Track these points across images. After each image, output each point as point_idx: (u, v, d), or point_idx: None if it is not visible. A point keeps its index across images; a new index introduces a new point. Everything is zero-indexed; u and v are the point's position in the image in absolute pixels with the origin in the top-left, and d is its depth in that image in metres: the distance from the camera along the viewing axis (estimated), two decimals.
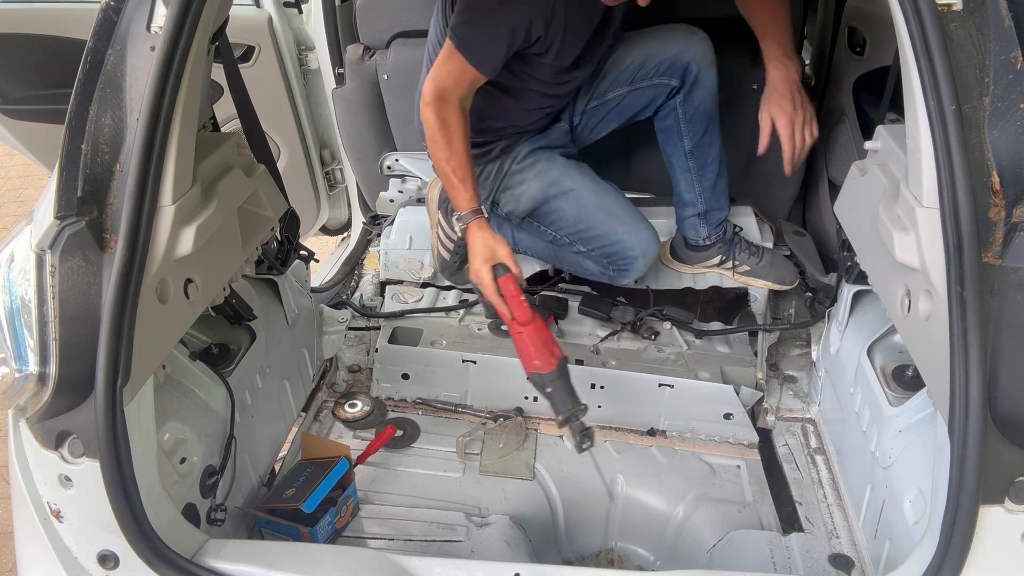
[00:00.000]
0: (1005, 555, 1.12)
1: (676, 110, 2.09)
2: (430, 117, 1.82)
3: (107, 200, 1.26)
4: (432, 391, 2.20)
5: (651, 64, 2.06)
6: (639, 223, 2.10)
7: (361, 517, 1.80)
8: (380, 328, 2.35)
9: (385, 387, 2.21)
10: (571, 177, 2.11)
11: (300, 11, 2.82)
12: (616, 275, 2.15)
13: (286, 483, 1.75)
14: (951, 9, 1.13)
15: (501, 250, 1.79)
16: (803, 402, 2.11)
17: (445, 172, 1.85)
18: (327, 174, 3.09)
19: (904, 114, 1.26)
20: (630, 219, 2.09)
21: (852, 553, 1.66)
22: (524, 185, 2.15)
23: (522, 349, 1.76)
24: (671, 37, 2.07)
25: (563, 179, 2.11)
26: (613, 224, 2.08)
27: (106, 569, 1.29)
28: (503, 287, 1.77)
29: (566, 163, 2.15)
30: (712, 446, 2.04)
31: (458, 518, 1.77)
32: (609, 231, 2.08)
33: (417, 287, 2.51)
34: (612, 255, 2.10)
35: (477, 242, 1.81)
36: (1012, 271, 1.09)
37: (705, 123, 2.09)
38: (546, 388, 1.74)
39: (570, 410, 1.72)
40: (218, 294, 1.60)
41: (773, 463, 1.99)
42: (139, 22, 1.28)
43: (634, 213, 2.11)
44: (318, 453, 1.82)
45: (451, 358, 2.16)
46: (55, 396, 1.22)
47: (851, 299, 1.82)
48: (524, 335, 1.75)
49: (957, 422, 1.09)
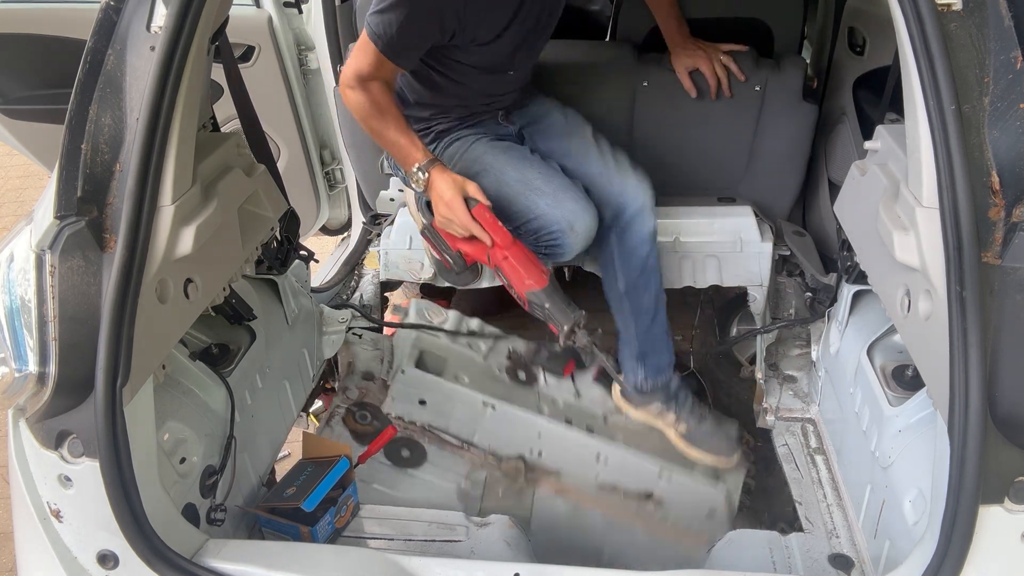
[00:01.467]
0: (1005, 555, 1.12)
1: (611, 245, 2.01)
2: (356, 98, 1.77)
3: (107, 200, 1.27)
4: (445, 422, 2.18)
5: (590, 178, 2.00)
6: (564, 193, 1.91)
7: (361, 517, 1.79)
8: (392, 338, 2.33)
9: (399, 406, 2.20)
10: (493, 153, 1.99)
11: (300, 11, 2.81)
12: (549, 254, 1.97)
13: (286, 482, 1.75)
14: (951, 9, 1.13)
15: (470, 185, 1.75)
16: (803, 402, 2.11)
17: (388, 140, 1.80)
18: (327, 174, 3.09)
19: (904, 114, 1.26)
20: (552, 190, 1.91)
21: (852, 553, 1.66)
22: (449, 165, 1.98)
23: (512, 272, 1.73)
24: (617, 169, 2.01)
25: (484, 155, 1.99)
26: (533, 197, 1.91)
27: (106, 569, 1.29)
28: (479, 216, 1.72)
29: (494, 142, 2.02)
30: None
31: (458, 518, 1.77)
32: (530, 205, 1.91)
33: (443, 309, 2.53)
34: (537, 232, 1.93)
35: (442, 183, 1.75)
36: (1012, 271, 1.09)
37: (639, 267, 2.01)
38: (544, 304, 1.72)
39: (573, 319, 1.71)
40: (218, 294, 1.60)
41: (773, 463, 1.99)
42: (139, 22, 1.28)
43: (561, 185, 1.93)
44: (318, 453, 1.82)
45: (472, 398, 2.18)
46: (55, 396, 1.22)
47: (851, 299, 1.82)
48: (511, 258, 1.73)
49: (957, 422, 1.09)
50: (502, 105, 2.10)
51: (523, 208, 1.92)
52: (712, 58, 2.09)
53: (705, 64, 2.09)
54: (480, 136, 2.05)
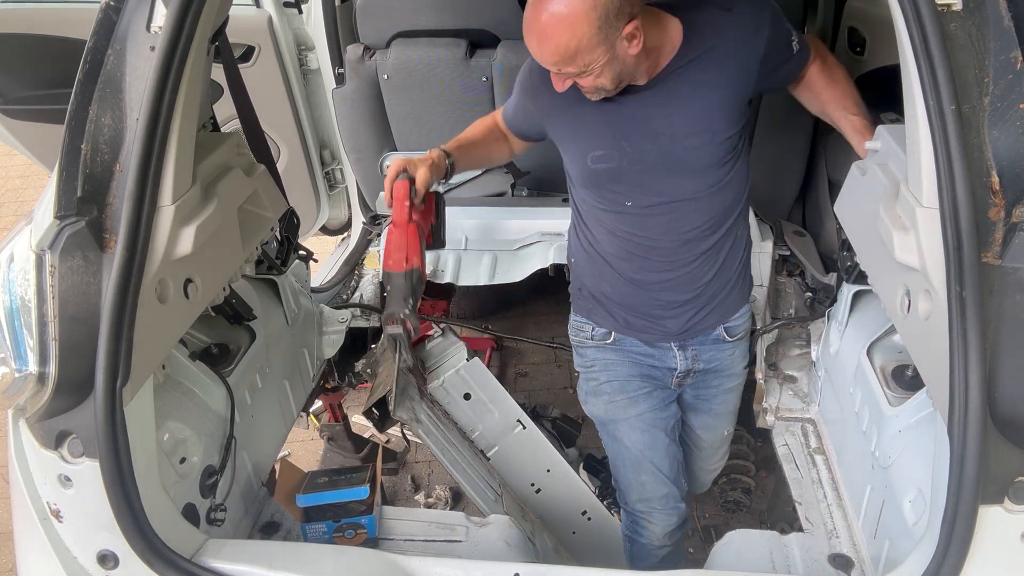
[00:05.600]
0: (1005, 555, 1.12)
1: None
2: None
3: (107, 200, 1.26)
4: (475, 425, 2.17)
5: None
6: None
7: None
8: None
9: (442, 393, 2.16)
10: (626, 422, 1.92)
11: (300, 11, 2.82)
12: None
13: (331, 473, 1.81)
14: (951, 9, 1.13)
15: (421, 167, 1.71)
16: (803, 402, 2.11)
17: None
18: (327, 174, 3.09)
19: (904, 114, 1.26)
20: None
21: (852, 553, 1.66)
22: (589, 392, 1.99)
23: (385, 247, 1.78)
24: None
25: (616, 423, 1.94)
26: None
27: (106, 569, 1.29)
28: (396, 188, 1.74)
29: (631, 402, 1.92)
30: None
31: (458, 518, 1.77)
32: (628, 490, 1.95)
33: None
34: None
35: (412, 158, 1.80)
36: (1012, 271, 1.09)
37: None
38: (388, 286, 1.75)
39: (394, 312, 1.72)
40: (218, 294, 1.60)
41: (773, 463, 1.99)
42: (139, 22, 1.28)
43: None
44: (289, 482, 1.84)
45: (511, 408, 2.16)
46: (55, 396, 1.22)
47: (851, 299, 1.82)
48: (391, 235, 1.77)
49: (957, 422, 1.09)
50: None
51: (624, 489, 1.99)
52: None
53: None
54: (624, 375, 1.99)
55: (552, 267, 2.39)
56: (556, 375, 3.51)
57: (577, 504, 2.23)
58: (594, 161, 1.64)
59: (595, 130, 1.63)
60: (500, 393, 2.18)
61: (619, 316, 1.84)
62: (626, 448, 1.92)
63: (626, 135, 1.61)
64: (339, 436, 2.74)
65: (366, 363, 2.28)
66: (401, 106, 2.61)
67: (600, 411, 1.94)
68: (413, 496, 2.89)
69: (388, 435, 3.10)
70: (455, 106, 2.54)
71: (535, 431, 2.17)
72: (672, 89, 1.56)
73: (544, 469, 2.19)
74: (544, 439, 2.18)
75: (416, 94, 2.52)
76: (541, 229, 2.44)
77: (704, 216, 1.68)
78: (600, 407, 1.93)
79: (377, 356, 2.26)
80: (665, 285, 1.76)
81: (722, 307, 1.82)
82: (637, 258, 1.74)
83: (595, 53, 1.40)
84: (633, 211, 1.68)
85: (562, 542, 2.21)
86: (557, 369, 3.54)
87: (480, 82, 2.45)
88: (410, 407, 2.03)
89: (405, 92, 2.53)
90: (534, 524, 2.09)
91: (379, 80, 2.59)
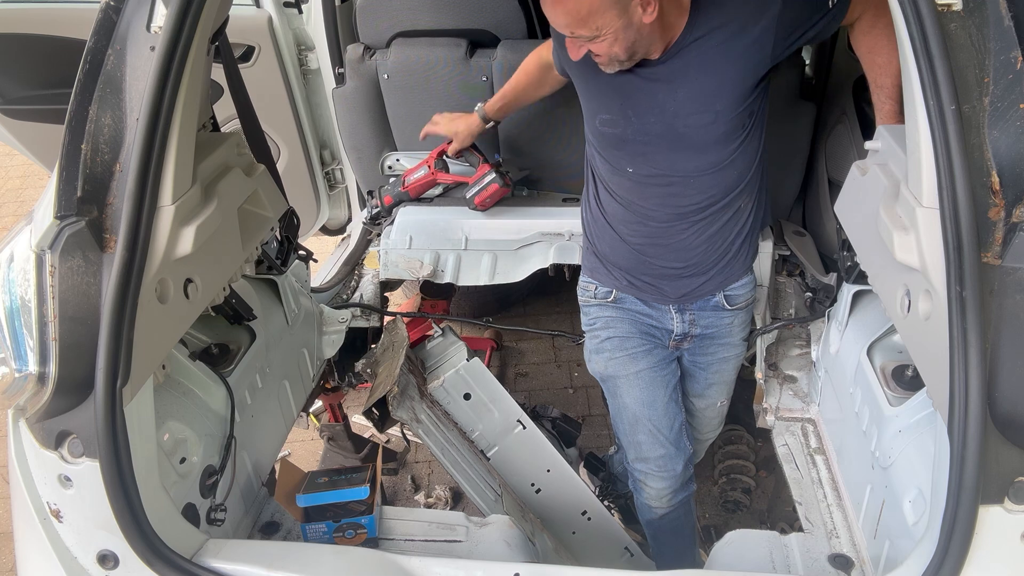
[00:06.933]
0: (1005, 555, 1.12)
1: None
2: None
3: (107, 200, 1.26)
4: (475, 425, 2.18)
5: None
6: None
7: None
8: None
9: (442, 393, 2.18)
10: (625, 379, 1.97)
11: (300, 11, 2.82)
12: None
13: (331, 473, 1.81)
14: (951, 9, 1.13)
15: (462, 131, 2.15)
16: (803, 402, 2.11)
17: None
18: (327, 174, 3.09)
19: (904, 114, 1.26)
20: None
21: (852, 553, 1.66)
22: (592, 350, 2.03)
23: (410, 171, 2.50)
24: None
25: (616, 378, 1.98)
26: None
27: (106, 569, 1.29)
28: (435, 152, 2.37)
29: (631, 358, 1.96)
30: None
31: (458, 518, 1.77)
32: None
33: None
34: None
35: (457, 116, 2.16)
36: (1012, 271, 1.09)
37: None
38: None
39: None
40: (218, 294, 1.60)
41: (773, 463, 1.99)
42: (139, 22, 1.28)
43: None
44: (288, 482, 1.84)
45: (511, 408, 2.17)
46: (55, 396, 1.22)
47: (851, 299, 1.82)
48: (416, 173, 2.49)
49: (957, 422, 1.09)
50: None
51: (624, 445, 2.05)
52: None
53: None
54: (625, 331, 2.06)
55: (552, 267, 2.39)
56: (556, 375, 3.51)
57: (577, 504, 2.23)
58: (602, 124, 1.69)
59: (607, 93, 1.66)
60: (500, 393, 2.18)
61: (619, 276, 1.88)
62: (625, 406, 1.96)
63: (633, 106, 1.63)
64: (339, 436, 2.74)
65: (366, 363, 2.28)
66: (401, 106, 2.61)
67: (601, 367, 1.98)
68: (413, 496, 2.90)
69: (388, 435, 3.10)
70: (455, 106, 2.53)
71: (535, 431, 2.17)
72: (681, 66, 1.57)
73: (544, 469, 2.20)
74: (544, 439, 2.18)
75: (416, 94, 2.52)
76: (541, 229, 2.44)
77: (703, 195, 1.69)
78: (601, 364, 1.98)
79: (377, 356, 2.26)
80: (659, 252, 1.79)
81: (720, 275, 1.85)
82: (633, 223, 1.78)
83: (607, 16, 1.41)
84: (634, 178, 1.71)
85: (562, 542, 2.21)
86: (557, 369, 3.54)
87: (480, 82, 2.45)
88: (410, 407, 2.03)
89: (405, 92, 2.53)
90: (534, 524, 2.09)
91: (379, 80, 2.59)
